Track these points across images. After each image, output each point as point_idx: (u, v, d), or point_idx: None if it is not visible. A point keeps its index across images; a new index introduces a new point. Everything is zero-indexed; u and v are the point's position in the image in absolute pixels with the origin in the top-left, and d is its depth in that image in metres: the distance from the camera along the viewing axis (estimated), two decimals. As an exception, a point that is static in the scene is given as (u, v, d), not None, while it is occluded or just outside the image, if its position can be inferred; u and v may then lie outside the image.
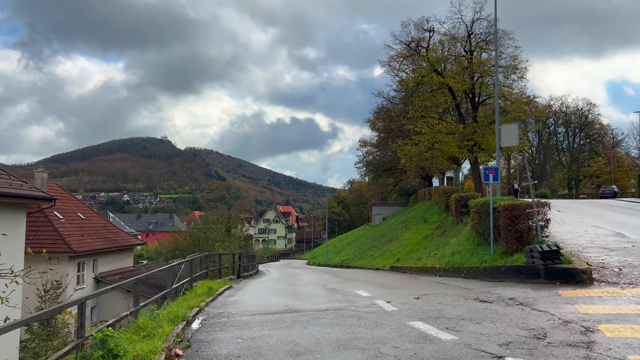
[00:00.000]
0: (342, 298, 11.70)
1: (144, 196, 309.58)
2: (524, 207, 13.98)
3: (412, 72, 34.29)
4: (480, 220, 18.12)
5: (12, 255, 16.58)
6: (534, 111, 34.90)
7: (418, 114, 32.35)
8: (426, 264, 22.11)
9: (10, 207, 15.77)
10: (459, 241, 21.77)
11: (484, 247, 17.39)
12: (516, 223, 14.05)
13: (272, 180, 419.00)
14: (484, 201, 17.45)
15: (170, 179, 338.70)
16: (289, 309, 10.23)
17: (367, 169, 70.92)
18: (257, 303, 11.63)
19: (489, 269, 14.42)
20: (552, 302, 9.11)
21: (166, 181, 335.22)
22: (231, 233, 45.26)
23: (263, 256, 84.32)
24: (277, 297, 12.80)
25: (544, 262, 11.72)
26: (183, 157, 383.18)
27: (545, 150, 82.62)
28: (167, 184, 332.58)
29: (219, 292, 13.81)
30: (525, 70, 31.71)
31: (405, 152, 32.65)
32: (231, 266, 23.46)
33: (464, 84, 30.94)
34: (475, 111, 31.93)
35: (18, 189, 16.25)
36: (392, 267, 27.28)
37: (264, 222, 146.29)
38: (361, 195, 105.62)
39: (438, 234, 28.83)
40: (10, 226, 16.15)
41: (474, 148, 29.97)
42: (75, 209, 39.57)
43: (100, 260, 36.62)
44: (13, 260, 16.64)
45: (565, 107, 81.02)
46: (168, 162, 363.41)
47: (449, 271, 17.79)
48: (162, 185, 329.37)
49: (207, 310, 10.56)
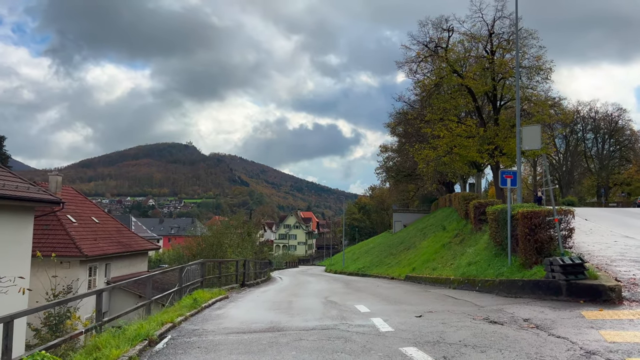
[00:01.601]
0: (337, 314, 10.50)
1: (169, 201, 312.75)
2: (544, 215, 12.61)
3: (430, 73, 32.89)
4: (498, 229, 16.77)
5: (19, 259, 16.15)
6: (559, 114, 33.15)
7: (436, 117, 30.99)
8: (441, 274, 20.78)
9: (16, 210, 15.49)
10: (476, 251, 20.39)
11: (501, 257, 16.02)
12: (536, 232, 12.69)
13: (294, 186, 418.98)
14: (502, 208, 16.09)
15: (195, 184, 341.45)
16: (272, 327, 9.09)
17: (387, 175, 69.55)
18: (243, 318, 10.52)
19: (504, 282, 13.06)
20: (574, 326, 7.78)
21: (190, 186, 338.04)
22: (245, 238, 44.35)
23: (281, 262, 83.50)
24: (269, 311, 11.68)
25: (566, 277, 10.35)
26: (207, 163, 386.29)
27: (573, 157, 79.89)
28: (191, 189, 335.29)
29: (208, 303, 12.75)
30: (550, 71, 30.14)
31: (423, 157, 31.28)
32: (234, 274, 22.36)
33: (484, 86, 29.49)
34: (496, 114, 30.45)
35: (24, 192, 15.94)
36: (407, 277, 25.97)
37: (285, 227, 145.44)
38: (382, 201, 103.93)
39: (456, 242, 27.39)
40: (17, 229, 15.87)
41: (495, 152, 28.49)
42: (89, 212, 39.16)
43: (113, 265, 36.09)
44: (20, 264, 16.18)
45: (594, 113, 78.30)
46: (192, 167, 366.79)
47: (463, 283, 16.44)
48: (186, 190, 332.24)
49: (182, 326, 9.49)
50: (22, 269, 16.26)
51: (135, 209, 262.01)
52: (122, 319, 9.90)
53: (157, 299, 12.34)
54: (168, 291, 13.21)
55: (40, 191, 17.41)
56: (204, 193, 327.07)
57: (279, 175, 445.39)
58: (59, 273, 27.42)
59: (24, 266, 16.13)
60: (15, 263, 15.76)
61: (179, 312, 10.37)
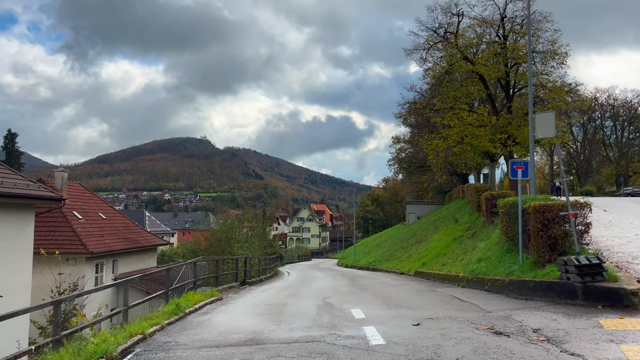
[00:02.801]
0: (329, 321, 9.56)
1: (185, 195, 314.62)
2: (558, 209, 11.51)
3: (440, 60, 31.50)
4: (509, 223, 15.68)
5: (20, 256, 15.67)
6: (576, 101, 31.64)
7: (446, 106, 29.77)
8: (450, 270, 19.74)
9: (16, 208, 15.21)
10: (487, 245, 19.32)
11: (512, 254, 14.95)
12: (549, 227, 11.61)
13: (308, 178, 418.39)
14: (513, 201, 15.01)
15: (210, 177, 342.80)
16: (251, 339, 8.19)
17: (399, 166, 68.31)
18: (225, 327, 9.63)
19: (515, 283, 12.00)
20: (590, 339, 6.76)
21: (206, 180, 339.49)
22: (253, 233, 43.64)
23: (293, 256, 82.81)
24: (257, 317, 10.76)
25: (582, 278, 9.29)
26: (222, 157, 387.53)
27: (591, 145, 77.67)
28: (206, 182, 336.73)
29: (195, 308, 11.88)
30: (566, 56, 28.66)
31: (433, 147, 30.09)
32: (233, 272, 21.49)
33: (496, 72, 28.18)
34: (509, 102, 29.11)
35: (23, 190, 15.55)
36: (417, 273, 24.97)
37: (298, 220, 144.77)
38: (396, 193, 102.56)
39: (468, 236, 26.28)
40: (17, 227, 15.52)
41: (508, 142, 27.23)
42: (96, 208, 38.70)
43: (121, 261, 35.62)
44: (21, 261, 15.68)
45: (612, 100, 75.91)
46: (207, 161, 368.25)
47: (472, 282, 15.40)
48: (201, 184, 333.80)
49: (155, 338, 8.63)
50: (23, 266, 16.00)
51: (152, 203, 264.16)
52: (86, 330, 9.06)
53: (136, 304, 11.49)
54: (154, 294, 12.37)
55: (41, 188, 17.08)
56: (219, 187, 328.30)
57: (292, 168, 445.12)
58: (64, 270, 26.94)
59: (26, 264, 16.02)
60: (17, 260, 15.55)
61: (156, 321, 9.52)
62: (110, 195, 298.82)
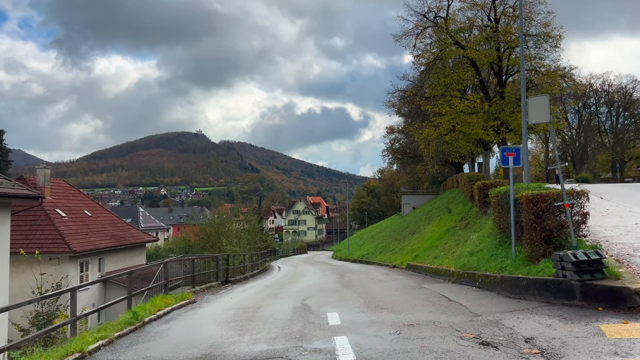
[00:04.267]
0: (299, 330, 8.57)
1: (181, 190, 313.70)
2: (552, 199, 10.53)
3: (430, 46, 30.29)
4: (501, 214, 14.74)
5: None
6: (571, 85, 30.58)
7: (437, 93, 28.72)
8: (442, 264, 18.82)
9: None
10: (480, 237, 18.39)
11: (505, 247, 14.01)
12: (543, 219, 10.63)
13: (305, 171, 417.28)
14: (505, 190, 14.03)
15: (206, 172, 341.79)
16: (205, 356, 7.16)
17: (393, 157, 67.32)
18: (181, 339, 8.61)
19: (507, 280, 11.03)
20: (591, 351, 5.79)
21: (202, 174, 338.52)
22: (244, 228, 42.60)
23: (289, 249, 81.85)
24: (222, 325, 9.71)
25: (580, 276, 8.31)
26: (217, 151, 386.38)
27: (586, 132, 76.75)
28: (202, 177, 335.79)
29: (157, 315, 10.84)
30: (560, 38, 27.59)
31: (424, 136, 29.06)
32: (214, 271, 20.45)
33: (488, 56, 27.14)
34: (502, 87, 28.07)
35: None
36: (408, 266, 24.09)
37: (294, 213, 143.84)
38: (392, 184, 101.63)
39: (461, 227, 25.38)
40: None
41: (501, 129, 26.24)
42: (82, 206, 37.70)
43: (107, 259, 34.70)
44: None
45: (607, 86, 74.85)
46: (203, 155, 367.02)
47: (463, 277, 14.46)
48: (198, 179, 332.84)
49: (97, 355, 7.58)
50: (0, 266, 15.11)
51: (148, 198, 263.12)
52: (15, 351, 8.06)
53: (88, 313, 10.49)
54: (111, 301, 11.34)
55: (16, 186, 16.23)
56: (215, 181, 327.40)
57: (289, 161, 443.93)
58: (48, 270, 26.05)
59: (2, 264, 14.99)
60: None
61: (104, 333, 8.52)
62: (107, 192, 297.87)
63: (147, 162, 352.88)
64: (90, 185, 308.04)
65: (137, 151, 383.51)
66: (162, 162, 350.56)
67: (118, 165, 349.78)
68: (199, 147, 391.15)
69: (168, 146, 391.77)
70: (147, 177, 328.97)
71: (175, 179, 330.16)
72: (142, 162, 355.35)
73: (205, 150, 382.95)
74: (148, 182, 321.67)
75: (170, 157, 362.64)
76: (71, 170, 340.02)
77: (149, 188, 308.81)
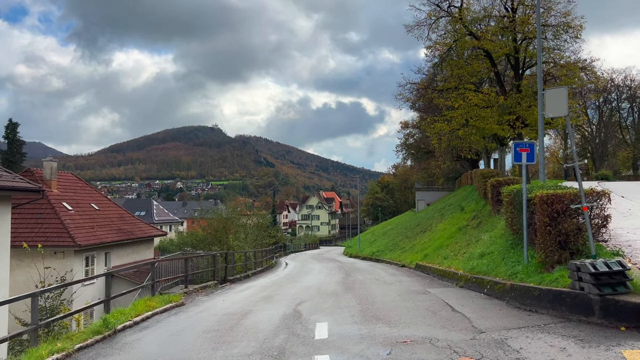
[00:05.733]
0: (279, 345, 7.62)
1: (197, 183, 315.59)
2: (569, 199, 9.46)
3: (443, 37, 28.95)
4: (514, 214, 13.64)
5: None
6: (592, 78, 29.07)
7: (450, 85, 27.52)
8: (450, 266, 17.78)
9: None
10: (491, 238, 17.30)
11: (517, 250, 12.94)
12: (558, 222, 9.57)
13: (319, 165, 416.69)
14: (518, 189, 12.96)
15: (221, 166, 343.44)
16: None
17: (407, 152, 66.04)
18: (145, 354, 7.70)
19: (518, 289, 9.97)
20: (612, 387, 4.79)
21: (217, 168, 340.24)
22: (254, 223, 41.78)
23: (300, 244, 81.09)
24: (200, 335, 8.75)
25: (599, 289, 7.26)
26: (233, 145, 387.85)
27: (607, 128, 74.49)
28: (218, 171, 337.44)
29: (136, 320, 9.97)
30: (581, 29, 26.13)
31: (436, 131, 27.87)
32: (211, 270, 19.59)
33: (504, 48, 25.85)
34: (518, 80, 26.75)
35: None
36: (417, 266, 23.08)
37: (307, 208, 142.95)
38: (406, 180, 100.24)
39: (473, 225, 24.26)
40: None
41: (517, 123, 24.96)
42: (89, 199, 37.27)
43: (114, 254, 34.24)
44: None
45: (629, 81, 72.48)
46: (219, 149, 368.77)
47: (471, 282, 13.41)
48: (213, 173, 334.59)
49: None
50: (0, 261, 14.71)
51: (164, 192, 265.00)
52: None
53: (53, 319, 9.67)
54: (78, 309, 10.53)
55: (16, 179, 15.72)
56: (230, 175, 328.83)
57: (303, 156, 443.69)
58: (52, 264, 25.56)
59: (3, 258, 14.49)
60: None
61: (64, 345, 7.68)
62: (124, 185, 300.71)
63: (164, 156, 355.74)
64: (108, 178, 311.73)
65: (154, 145, 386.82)
66: (178, 156, 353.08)
67: (135, 158, 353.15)
68: (215, 141, 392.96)
69: (184, 140, 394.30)
70: (164, 171, 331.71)
71: (192, 172, 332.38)
72: (158, 155, 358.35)
73: (221, 144, 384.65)
74: (165, 175, 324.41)
75: (186, 150, 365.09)
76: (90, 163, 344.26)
77: (166, 181, 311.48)
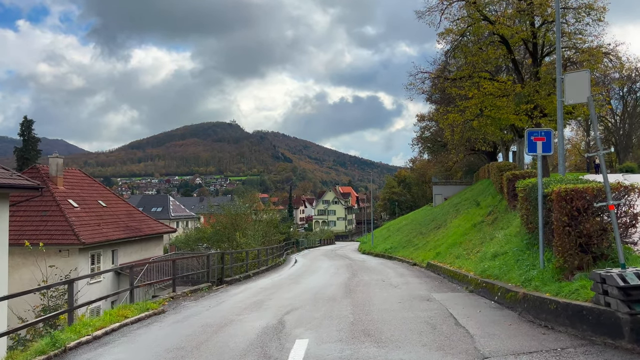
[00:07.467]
0: None
1: (215, 179, 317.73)
2: (592, 195, 8.08)
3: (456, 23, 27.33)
4: (529, 211, 12.24)
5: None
6: (617, 64, 27.21)
7: (464, 74, 26.01)
8: (461, 267, 16.42)
9: None
10: (506, 236, 15.90)
11: (533, 251, 11.56)
12: (579, 221, 8.20)
13: (337, 160, 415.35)
14: (533, 183, 11.55)
15: (240, 161, 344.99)
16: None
17: (422, 145, 64.41)
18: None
19: (531, 299, 8.58)
20: None
21: (235, 164, 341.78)
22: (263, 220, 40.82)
23: (315, 240, 79.91)
24: (159, 356, 7.59)
25: (630, 307, 5.92)
26: (251, 140, 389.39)
27: (632, 119, 71.71)
28: (236, 166, 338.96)
29: (97, 334, 8.82)
30: (604, 11, 24.36)
31: (449, 122, 26.39)
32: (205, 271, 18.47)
33: (521, 33, 24.25)
34: (537, 67, 25.12)
35: None
36: (428, 265, 21.76)
37: (323, 203, 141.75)
38: (424, 174, 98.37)
39: (488, 222, 22.83)
40: None
41: (535, 112, 23.37)
42: (96, 196, 36.63)
43: (121, 251, 33.59)
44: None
45: (656, 70, 69.60)
46: (237, 145, 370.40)
47: (481, 287, 12.05)
48: (231, 168, 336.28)
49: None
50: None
51: (184, 187, 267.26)
52: None
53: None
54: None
55: (14, 176, 15.14)
56: (248, 170, 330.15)
57: (321, 151, 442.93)
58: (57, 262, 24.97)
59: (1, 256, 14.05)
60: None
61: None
62: (144, 181, 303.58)
63: (183, 152, 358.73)
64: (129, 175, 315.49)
65: (173, 141, 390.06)
66: (197, 152, 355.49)
67: (155, 154, 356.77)
68: (232, 137, 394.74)
69: (203, 136, 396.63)
70: (183, 167, 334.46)
71: (210, 168, 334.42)
72: (177, 151, 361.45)
73: (239, 140, 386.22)
74: (184, 171, 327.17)
75: (205, 146, 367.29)
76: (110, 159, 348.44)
77: (185, 177, 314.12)
